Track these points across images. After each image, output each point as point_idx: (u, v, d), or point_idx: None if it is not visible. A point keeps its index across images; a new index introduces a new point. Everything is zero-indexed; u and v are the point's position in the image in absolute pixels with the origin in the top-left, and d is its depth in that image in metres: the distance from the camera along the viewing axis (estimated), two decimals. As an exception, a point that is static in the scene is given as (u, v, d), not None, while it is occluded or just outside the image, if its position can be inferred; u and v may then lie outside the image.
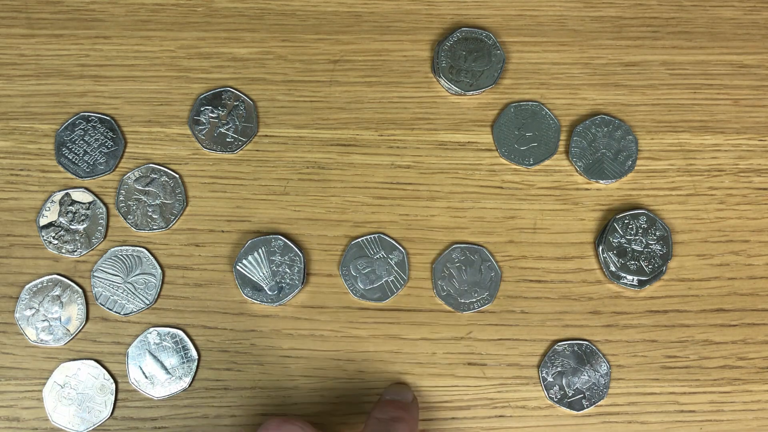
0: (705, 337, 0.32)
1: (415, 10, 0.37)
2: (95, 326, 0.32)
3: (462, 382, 0.31)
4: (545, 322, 0.32)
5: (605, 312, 0.32)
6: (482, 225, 0.33)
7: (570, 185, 0.34)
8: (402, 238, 0.33)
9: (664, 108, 0.35)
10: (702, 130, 0.35)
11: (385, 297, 0.32)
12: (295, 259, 0.32)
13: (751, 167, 0.34)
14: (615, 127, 0.34)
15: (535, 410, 0.31)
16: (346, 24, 0.36)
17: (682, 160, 0.34)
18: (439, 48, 0.35)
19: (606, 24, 0.36)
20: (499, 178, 0.34)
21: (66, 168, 0.33)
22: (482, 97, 0.35)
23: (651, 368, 0.31)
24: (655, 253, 0.32)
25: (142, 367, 0.31)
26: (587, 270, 0.32)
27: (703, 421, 0.30)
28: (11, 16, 0.36)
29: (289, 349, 0.31)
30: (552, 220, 0.33)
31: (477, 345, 0.31)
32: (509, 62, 0.36)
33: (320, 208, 0.33)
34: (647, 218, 0.32)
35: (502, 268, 0.32)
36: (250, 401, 0.30)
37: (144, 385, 0.31)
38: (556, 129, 0.34)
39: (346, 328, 0.32)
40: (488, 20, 0.36)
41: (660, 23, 0.37)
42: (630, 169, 0.34)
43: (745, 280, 0.32)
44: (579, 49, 0.36)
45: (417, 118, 0.35)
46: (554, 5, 0.37)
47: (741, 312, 0.32)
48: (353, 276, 0.32)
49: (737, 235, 0.33)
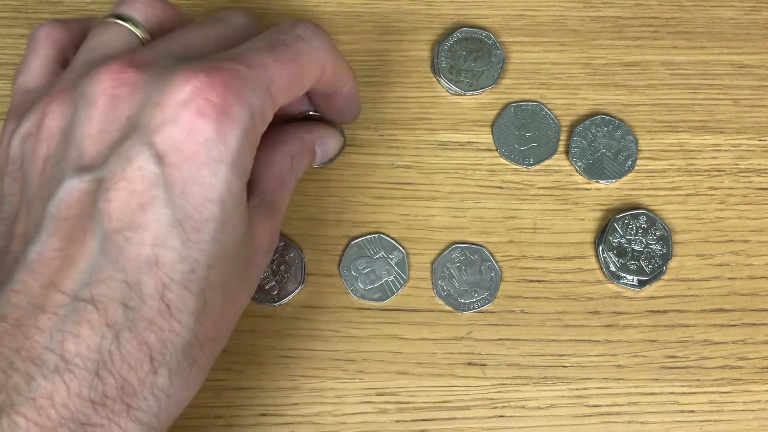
0: (705, 337, 0.32)
1: (415, 10, 0.37)
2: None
3: (462, 382, 0.31)
4: (545, 322, 0.32)
5: (605, 312, 0.32)
6: (482, 225, 0.33)
7: (570, 185, 0.34)
8: (402, 238, 0.33)
9: (664, 108, 0.35)
10: (702, 130, 0.35)
11: (385, 297, 0.32)
12: (294, 259, 0.32)
13: (751, 167, 0.34)
14: (615, 127, 0.34)
15: (535, 410, 0.31)
16: (346, 24, 0.36)
17: (682, 160, 0.34)
18: (439, 48, 0.35)
19: (606, 24, 0.36)
20: (499, 178, 0.34)
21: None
22: (482, 97, 0.35)
23: (651, 368, 0.31)
24: (655, 253, 0.32)
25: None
26: (587, 270, 0.32)
27: (703, 421, 0.30)
28: (11, 16, 0.36)
29: (289, 349, 0.31)
30: (552, 220, 0.33)
31: (477, 345, 0.31)
32: (509, 62, 0.36)
33: (319, 207, 0.33)
34: (647, 218, 0.32)
35: (502, 268, 0.32)
36: (250, 401, 0.30)
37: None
38: (556, 129, 0.34)
39: (346, 328, 0.32)
40: (488, 20, 0.36)
41: (660, 23, 0.37)
42: (630, 169, 0.34)
43: (745, 280, 0.32)
44: (579, 49, 0.36)
45: (417, 118, 0.35)
46: (554, 5, 0.37)
47: (741, 312, 0.32)
48: (353, 276, 0.32)
49: (737, 235, 0.33)
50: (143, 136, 0.22)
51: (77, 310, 0.21)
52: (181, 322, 0.22)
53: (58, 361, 0.21)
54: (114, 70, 0.23)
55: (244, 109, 0.23)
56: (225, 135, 0.23)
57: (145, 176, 0.22)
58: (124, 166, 0.22)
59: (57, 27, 0.28)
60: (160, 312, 0.22)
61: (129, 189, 0.22)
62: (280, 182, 0.27)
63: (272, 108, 0.24)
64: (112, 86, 0.23)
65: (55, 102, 0.24)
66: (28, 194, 0.24)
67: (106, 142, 0.23)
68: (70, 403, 0.21)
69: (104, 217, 0.22)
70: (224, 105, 0.23)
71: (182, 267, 0.22)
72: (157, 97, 0.23)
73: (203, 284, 0.23)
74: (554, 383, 0.31)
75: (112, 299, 0.21)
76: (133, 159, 0.22)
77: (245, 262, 0.25)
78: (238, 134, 0.23)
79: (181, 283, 0.22)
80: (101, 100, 0.23)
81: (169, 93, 0.23)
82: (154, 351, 0.22)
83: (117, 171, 0.22)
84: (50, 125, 0.24)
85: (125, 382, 0.21)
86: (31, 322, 0.21)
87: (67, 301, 0.21)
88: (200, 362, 0.23)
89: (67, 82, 0.25)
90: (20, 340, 0.21)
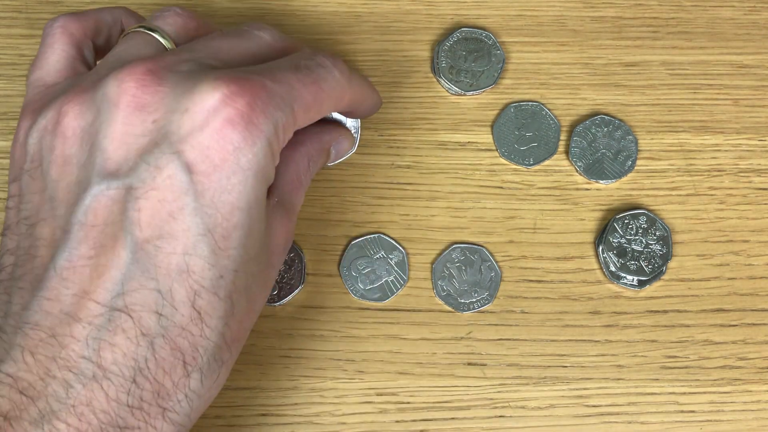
0: (705, 337, 0.32)
1: (415, 10, 0.37)
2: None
3: (462, 382, 0.31)
4: (545, 322, 0.32)
5: (605, 312, 0.32)
6: (482, 225, 0.33)
7: (570, 185, 0.34)
8: (402, 238, 0.33)
9: (664, 108, 0.35)
10: (702, 130, 0.35)
11: (385, 297, 0.32)
12: (294, 259, 0.32)
13: (751, 167, 0.34)
14: (615, 127, 0.34)
15: (535, 410, 0.31)
16: (346, 24, 0.36)
17: (682, 160, 0.34)
18: (439, 48, 0.35)
19: (606, 24, 0.36)
20: (499, 178, 0.34)
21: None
22: (482, 97, 0.35)
23: (651, 368, 0.31)
24: (655, 253, 0.32)
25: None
26: (587, 270, 0.32)
27: (703, 421, 0.30)
28: (11, 16, 0.36)
29: (289, 349, 0.31)
30: (552, 220, 0.33)
31: (477, 345, 0.31)
32: (509, 62, 0.36)
33: (319, 207, 0.33)
34: (647, 218, 0.32)
35: (502, 268, 0.32)
36: (250, 401, 0.30)
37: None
38: (556, 129, 0.34)
39: (346, 328, 0.32)
40: (488, 20, 0.36)
41: (660, 23, 0.37)
42: (630, 169, 0.34)
43: (745, 280, 0.32)
44: (579, 49, 0.36)
45: (417, 118, 0.35)
46: (554, 5, 0.37)
47: (741, 312, 0.32)
48: (353, 276, 0.32)
49: (737, 235, 0.33)
50: (173, 144, 0.22)
51: (112, 319, 0.22)
52: (211, 327, 0.23)
53: (95, 369, 0.21)
54: (138, 71, 0.23)
55: (269, 121, 0.23)
56: (253, 144, 0.23)
57: (175, 185, 0.22)
58: (154, 174, 0.22)
59: (72, 21, 0.28)
60: (192, 319, 0.22)
61: (159, 198, 0.22)
62: (296, 182, 0.27)
63: (293, 125, 0.25)
64: (136, 87, 0.23)
65: (74, 101, 0.24)
66: (50, 195, 0.24)
67: (132, 147, 0.23)
68: (109, 409, 0.21)
69: (135, 226, 0.22)
70: (252, 115, 0.23)
71: (211, 274, 0.22)
72: (185, 102, 0.23)
73: (231, 288, 0.23)
74: (554, 383, 0.31)
75: (146, 308, 0.22)
76: (163, 168, 0.22)
77: (264, 263, 0.25)
78: (263, 144, 0.23)
79: (210, 289, 0.22)
80: (125, 102, 0.23)
81: (197, 99, 0.23)
82: (187, 356, 0.22)
83: (147, 179, 0.22)
84: (70, 124, 0.24)
85: (161, 387, 0.22)
86: (66, 331, 0.21)
87: (101, 311, 0.22)
88: (228, 363, 0.24)
89: (87, 83, 0.24)
90: (56, 348, 0.21)
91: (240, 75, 0.23)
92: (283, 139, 0.24)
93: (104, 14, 0.29)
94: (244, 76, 0.23)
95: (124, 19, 0.29)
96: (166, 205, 0.22)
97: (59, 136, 0.24)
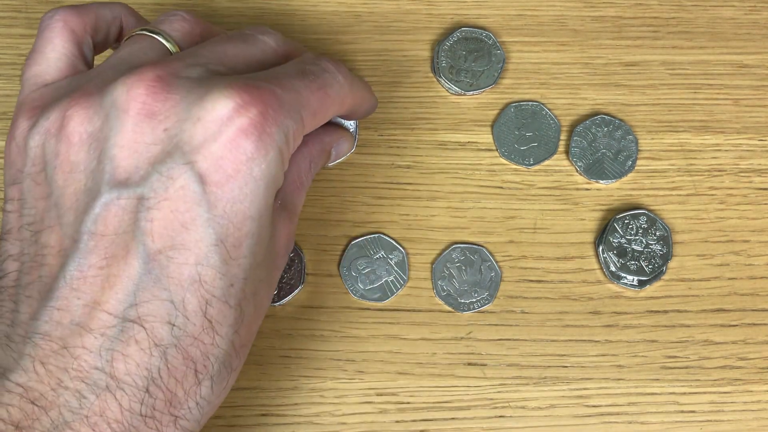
0: (705, 337, 0.32)
1: (415, 10, 0.37)
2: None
3: (462, 382, 0.31)
4: (545, 322, 0.32)
5: (605, 312, 0.32)
6: (482, 225, 0.33)
7: (570, 185, 0.34)
8: (402, 238, 0.33)
9: (664, 108, 0.35)
10: (702, 130, 0.35)
11: (385, 297, 0.32)
12: (294, 259, 0.32)
13: (752, 167, 0.34)
14: (615, 127, 0.34)
15: (535, 410, 0.31)
16: (346, 24, 0.36)
17: (682, 160, 0.34)
18: (439, 48, 0.35)
19: (606, 24, 0.36)
20: (499, 178, 0.34)
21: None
22: (482, 97, 0.35)
23: (651, 368, 0.31)
24: (655, 253, 0.32)
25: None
26: (587, 270, 0.32)
27: (703, 421, 0.30)
28: (11, 16, 0.36)
29: (289, 349, 0.31)
30: (552, 220, 0.33)
31: (477, 345, 0.31)
32: (509, 62, 0.36)
33: (319, 207, 0.33)
34: (647, 218, 0.32)
35: (502, 268, 0.32)
36: (250, 401, 0.30)
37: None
38: (556, 129, 0.34)
39: (346, 328, 0.32)
40: (488, 20, 0.36)
41: (660, 23, 0.36)
42: (630, 169, 0.34)
43: (746, 280, 0.32)
44: (579, 49, 0.36)
45: (417, 117, 0.35)
46: (554, 5, 0.37)
47: (741, 312, 0.32)
48: (353, 276, 0.32)
49: (737, 235, 0.33)
50: (186, 153, 0.22)
51: (125, 330, 0.22)
52: (222, 335, 0.23)
53: (108, 379, 0.21)
54: (147, 78, 0.23)
55: (281, 130, 0.23)
56: (266, 154, 0.23)
57: (188, 195, 0.22)
58: (166, 184, 0.22)
59: (73, 15, 0.27)
60: (204, 328, 0.22)
61: (171, 208, 0.22)
62: (298, 183, 0.27)
63: (302, 132, 0.25)
64: (146, 94, 0.23)
65: (80, 104, 0.23)
66: (56, 202, 0.23)
67: (143, 155, 0.22)
68: (123, 419, 0.21)
69: (147, 236, 0.22)
70: (264, 124, 0.23)
71: (222, 283, 0.22)
72: (196, 111, 0.22)
73: (240, 296, 0.23)
74: (554, 383, 0.31)
75: (159, 318, 0.22)
76: (175, 178, 0.22)
77: (269, 266, 0.25)
78: (275, 153, 0.23)
79: (221, 298, 0.22)
80: (134, 109, 0.23)
81: (209, 108, 0.22)
82: (198, 364, 0.22)
83: (159, 189, 0.22)
84: (76, 129, 0.23)
85: (173, 396, 0.22)
86: (77, 341, 0.21)
87: (114, 322, 0.22)
88: (236, 368, 0.24)
89: (93, 86, 0.24)
90: (67, 359, 0.21)
91: (250, 83, 0.23)
92: (293, 147, 0.24)
93: (104, 10, 0.28)
94: (254, 84, 0.23)
95: (123, 16, 0.29)
96: (179, 216, 0.22)
97: (64, 141, 0.23)
